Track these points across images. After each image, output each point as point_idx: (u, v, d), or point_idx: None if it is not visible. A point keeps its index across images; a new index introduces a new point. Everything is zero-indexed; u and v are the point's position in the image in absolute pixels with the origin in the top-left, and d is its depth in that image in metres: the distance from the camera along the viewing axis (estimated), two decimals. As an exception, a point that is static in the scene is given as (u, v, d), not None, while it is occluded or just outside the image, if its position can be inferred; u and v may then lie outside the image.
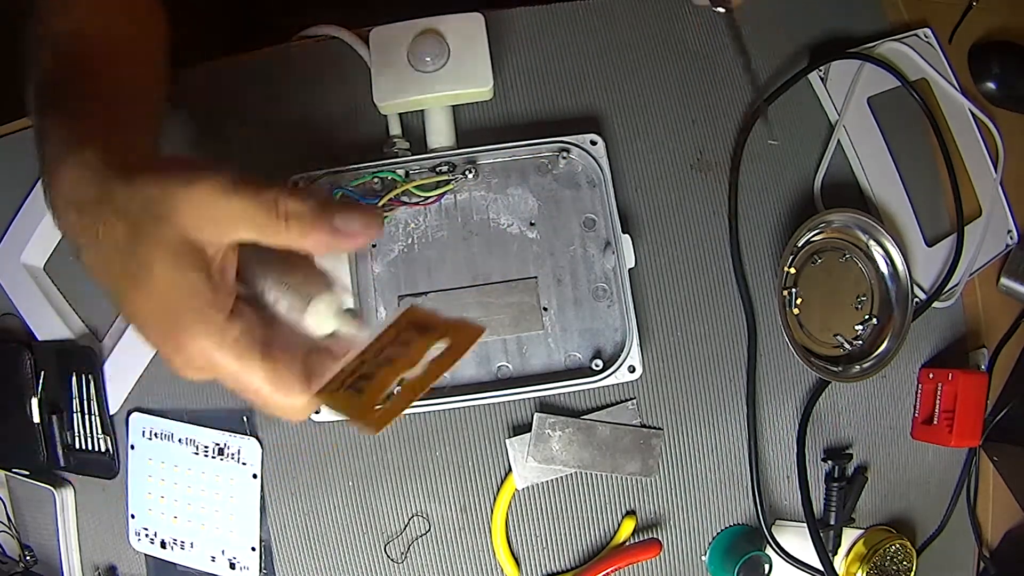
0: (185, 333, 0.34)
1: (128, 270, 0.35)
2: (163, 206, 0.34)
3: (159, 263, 0.34)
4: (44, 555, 0.64)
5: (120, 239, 0.34)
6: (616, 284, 0.60)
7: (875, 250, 0.63)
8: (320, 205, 0.35)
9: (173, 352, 0.35)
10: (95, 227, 0.35)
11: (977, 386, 0.62)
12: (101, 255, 0.35)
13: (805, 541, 0.59)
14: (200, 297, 0.34)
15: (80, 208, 0.36)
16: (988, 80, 0.69)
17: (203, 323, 0.34)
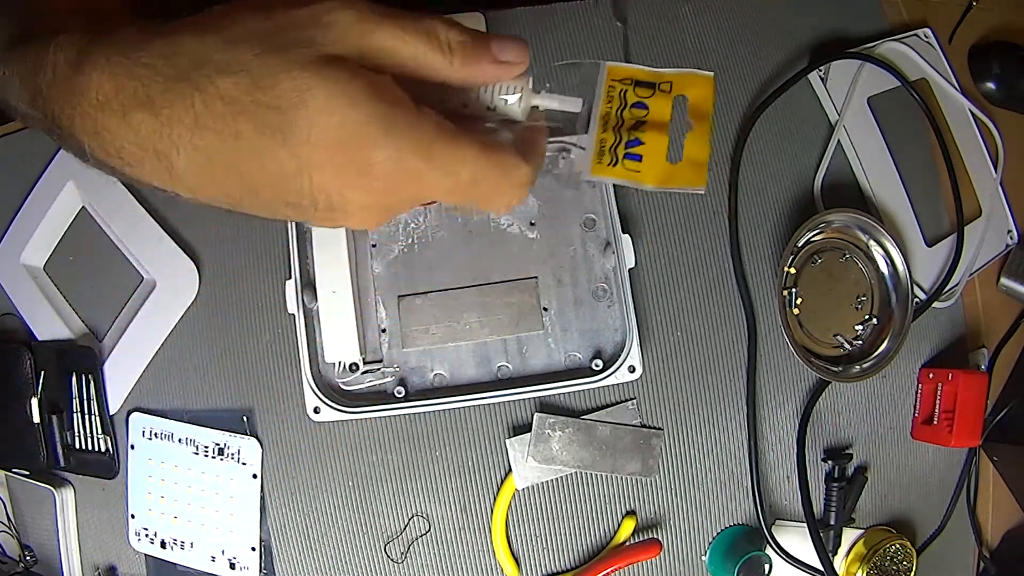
0: (375, 147, 0.29)
1: (263, 123, 0.29)
2: (289, 39, 0.29)
3: (309, 89, 0.28)
4: (44, 555, 0.64)
5: (237, 95, 0.29)
6: (616, 284, 0.60)
7: (875, 250, 0.63)
8: (478, 36, 0.32)
9: (364, 191, 0.30)
10: (189, 107, 0.29)
11: (977, 386, 0.62)
12: (211, 133, 0.29)
13: (805, 541, 0.59)
14: (376, 101, 0.29)
15: (150, 102, 0.29)
16: (988, 80, 0.69)
17: (393, 127, 0.29)
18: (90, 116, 0.30)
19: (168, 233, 0.63)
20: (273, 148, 0.29)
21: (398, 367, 0.60)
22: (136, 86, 0.29)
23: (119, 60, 0.30)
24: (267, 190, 0.31)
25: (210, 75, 0.29)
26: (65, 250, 0.66)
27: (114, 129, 0.30)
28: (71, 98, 0.31)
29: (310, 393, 0.57)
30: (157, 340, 0.62)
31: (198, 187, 0.31)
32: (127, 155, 0.31)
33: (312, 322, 0.59)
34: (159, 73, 0.29)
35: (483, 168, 0.31)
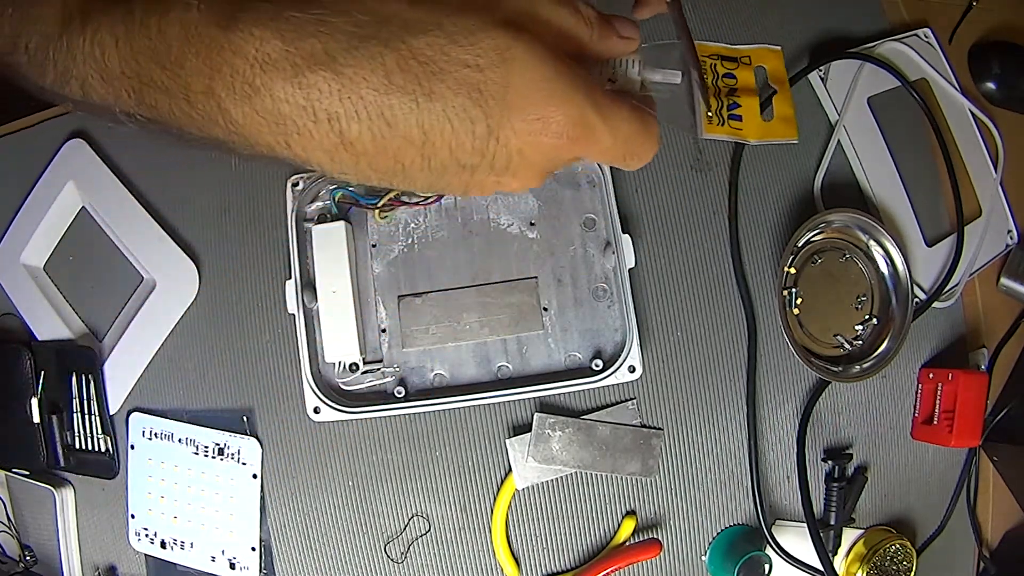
0: (564, 102, 0.30)
1: (461, 80, 0.29)
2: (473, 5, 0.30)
3: (509, 48, 0.29)
4: (44, 555, 0.64)
5: (433, 55, 0.29)
6: (616, 284, 0.60)
7: (875, 250, 0.63)
8: (600, 12, 0.34)
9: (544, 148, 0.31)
10: (377, 68, 0.28)
11: (977, 386, 0.62)
12: (400, 93, 0.28)
13: (805, 541, 0.59)
14: (563, 61, 0.31)
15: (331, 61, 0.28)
16: (988, 80, 0.69)
17: (578, 85, 0.31)
18: (244, 78, 0.28)
19: (168, 233, 0.63)
20: (467, 107, 0.29)
21: (398, 367, 0.60)
22: (313, 43, 0.28)
23: (290, 15, 0.28)
24: (445, 153, 0.30)
25: (400, 33, 0.29)
26: (65, 250, 0.66)
27: (278, 91, 0.28)
28: (216, 57, 0.28)
29: (310, 393, 0.57)
30: (157, 340, 0.62)
31: (369, 156, 0.30)
32: (289, 122, 0.29)
33: (312, 322, 0.59)
34: (340, 30, 0.28)
35: (636, 125, 0.33)
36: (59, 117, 0.66)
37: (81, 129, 0.65)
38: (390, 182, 0.32)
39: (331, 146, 0.30)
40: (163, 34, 0.29)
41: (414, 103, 0.29)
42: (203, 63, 0.29)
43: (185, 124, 0.31)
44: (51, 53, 0.32)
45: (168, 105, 0.31)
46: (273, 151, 0.31)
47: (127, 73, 0.30)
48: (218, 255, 0.63)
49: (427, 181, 0.32)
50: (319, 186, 0.60)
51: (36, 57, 0.32)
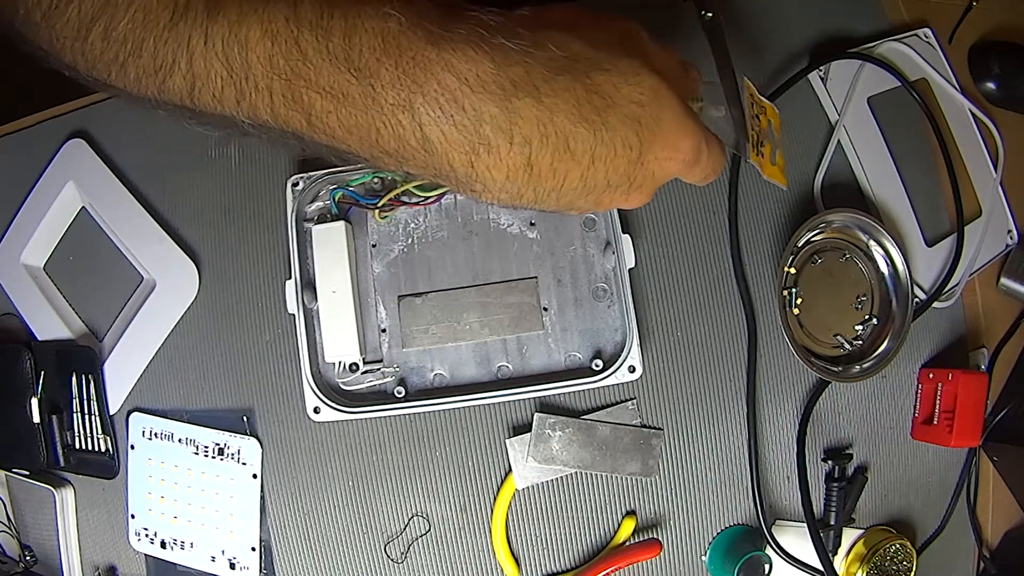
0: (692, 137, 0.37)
1: (627, 114, 0.34)
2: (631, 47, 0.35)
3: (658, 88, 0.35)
4: (44, 555, 0.64)
5: (609, 90, 0.33)
6: (616, 284, 0.60)
7: (875, 250, 0.63)
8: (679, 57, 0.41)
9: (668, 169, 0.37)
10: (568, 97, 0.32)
11: (977, 386, 0.62)
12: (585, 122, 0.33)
13: (805, 541, 0.59)
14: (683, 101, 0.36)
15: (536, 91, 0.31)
16: (988, 80, 0.69)
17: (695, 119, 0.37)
18: (452, 95, 0.30)
19: (168, 233, 0.63)
20: (629, 136, 0.34)
21: (398, 367, 0.60)
22: (519, 71, 0.31)
23: (499, 42, 0.31)
24: (601, 175, 0.35)
25: (587, 70, 0.33)
26: (65, 250, 0.66)
27: (485, 111, 0.31)
28: (421, 72, 0.30)
29: (310, 393, 0.57)
30: (157, 340, 0.62)
31: (542, 177, 0.34)
32: (486, 142, 0.31)
33: (312, 322, 0.59)
34: (540, 61, 0.32)
35: (720, 153, 0.40)
36: (59, 117, 0.66)
37: (81, 129, 0.65)
38: (534, 202, 0.36)
39: (515, 166, 0.33)
40: (351, 39, 0.29)
41: (592, 131, 0.33)
42: (403, 75, 0.30)
43: (349, 134, 0.31)
44: (150, 43, 0.30)
45: (335, 113, 0.31)
46: (451, 171, 0.32)
47: (277, 75, 0.30)
48: (218, 255, 0.63)
49: (569, 200, 0.36)
50: (319, 186, 0.60)
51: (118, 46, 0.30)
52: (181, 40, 0.30)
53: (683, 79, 0.41)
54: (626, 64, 0.34)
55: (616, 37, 0.36)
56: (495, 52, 0.31)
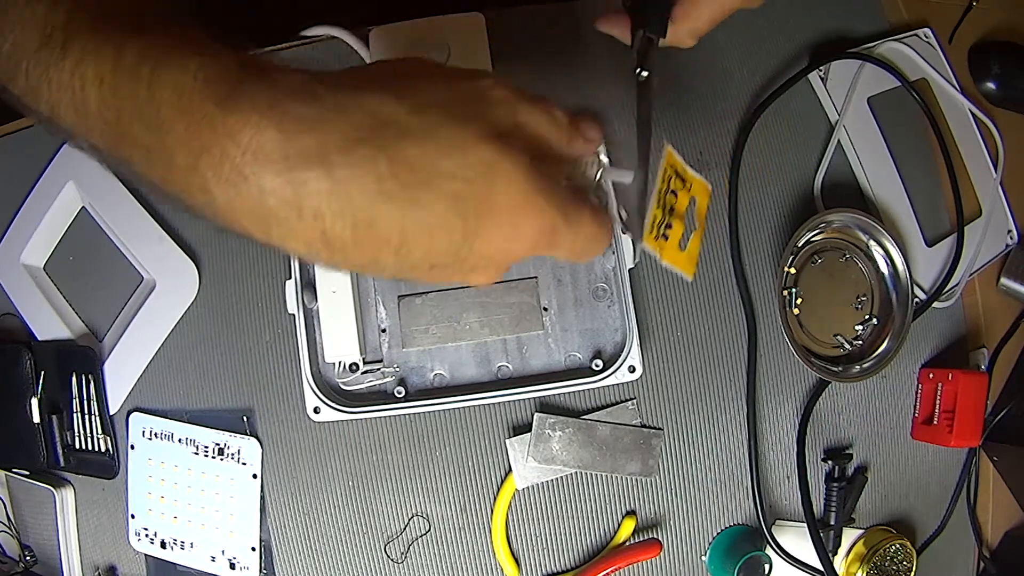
0: (539, 214, 0.32)
1: (447, 192, 0.29)
2: (468, 111, 0.31)
3: (495, 162, 0.30)
4: (44, 555, 0.64)
5: (422, 165, 0.29)
6: (616, 284, 0.60)
7: (875, 250, 0.63)
8: (571, 114, 0.36)
9: (508, 254, 0.32)
10: (369, 171, 0.28)
11: (977, 386, 0.62)
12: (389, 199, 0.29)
13: (805, 541, 0.59)
14: (540, 175, 0.31)
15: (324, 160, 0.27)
16: (988, 80, 0.69)
17: (552, 198, 0.32)
18: (233, 164, 0.27)
19: (168, 233, 0.63)
20: (448, 216, 0.30)
21: (398, 367, 0.60)
22: (309, 140, 0.27)
23: (289, 107, 0.28)
24: (419, 254, 0.31)
25: (397, 139, 0.28)
26: (65, 250, 0.66)
27: (267, 183, 0.27)
28: (208, 135, 0.27)
29: (310, 393, 0.57)
30: (157, 340, 0.62)
31: (346, 251, 0.30)
32: (273, 213, 0.28)
33: (312, 322, 0.59)
34: (337, 129, 0.28)
35: (595, 228, 0.35)
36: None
37: (81, 129, 0.65)
38: (359, 271, 0.33)
39: (311, 240, 0.29)
40: (153, 91, 0.28)
41: (399, 210, 0.29)
42: (192, 136, 0.28)
43: (158, 184, 0.30)
44: (24, 65, 0.29)
45: (145, 163, 0.30)
46: (249, 234, 0.30)
47: (105, 117, 0.29)
48: (218, 255, 0.63)
49: (394, 273, 0.32)
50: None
51: (4, 62, 0.30)
52: (43, 67, 0.29)
53: (561, 143, 0.35)
54: (451, 134, 0.29)
55: (457, 97, 0.31)
56: (284, 119, 0.27)
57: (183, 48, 0.28)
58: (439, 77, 0.32)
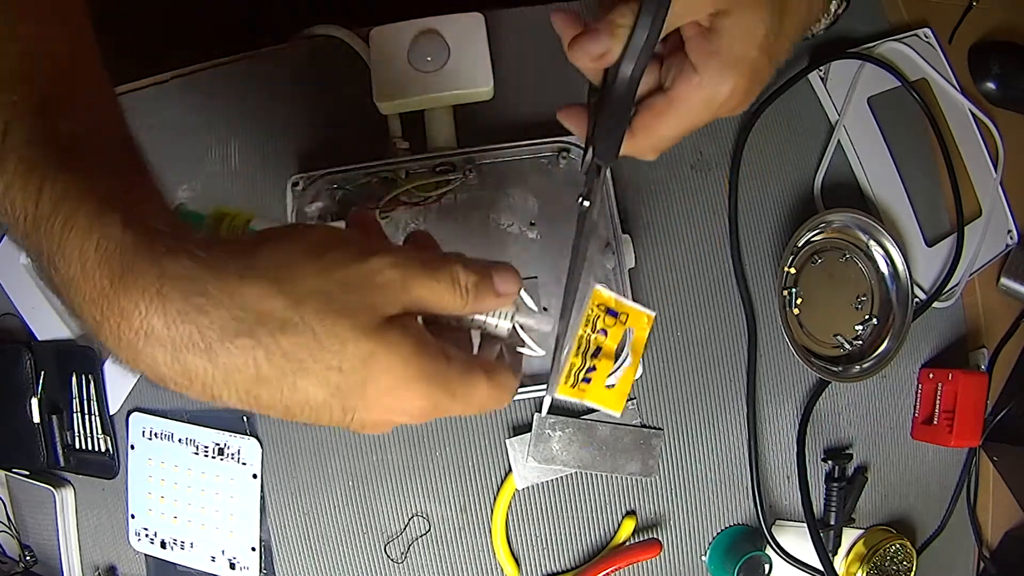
0: (416, 397, 0.33)
1: (323, 380, 0.31)
2: (350, 302, 0.31)
3: (370, 355, 0.31)
4: (44, 555, 0.64)
5: (301, 355, 0.30)
6: (616, 284, 0.60)
7: (875, 250, 0.63)
8: (485, 272, 0.36)
9: (391, 421, 0.34)
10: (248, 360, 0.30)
11: (977, 386, 0.62)
12: (266, 384, 0.31)
13: (805, 541, 0.59)
14: (422, 359, 0.33)
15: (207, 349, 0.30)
16: (988, 80, 0.69)
17: (433, 381, 0.33)
18: (127, 340, 0.30)
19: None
20: (327, 398, 0.31)
21: (398, 367, 0.59)
22: (192, 331, 0.29)
23: (173, 297, 0.29)
24: (305, 420, 0.33)
25: (274, 332, 0.30)
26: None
27: (159, 358, 0.30)
28: (105, 310, 0.30)
29: (310, 393, 0.57)
30: (157, 340, 0.62)
31: (241, 408, 0.32)
32: (166, 379, 0.31)
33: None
34: (219, 322, 0.30)
35: (489, 394, 0.35)
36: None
37: (81, 129, 0.65)
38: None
39: (210, 401, 0.31)
40: (63, 249, 0.30)
41: (279, 392, 0.31)
42: (94, 304, 0.30)
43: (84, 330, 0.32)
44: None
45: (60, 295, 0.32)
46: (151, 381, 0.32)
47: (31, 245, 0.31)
48: (218, 255, 0.63)
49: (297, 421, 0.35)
50: (319, 186, 0.60)
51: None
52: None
53: (466, 307, 0.36)
54: (328, 328, 0.30)
55: (338, 288, 0.31)
56: (168, 308, 0.29)
57: (91, 204, 0.30)
58: (325, 264, 0.32)
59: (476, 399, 0.35)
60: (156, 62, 0.66)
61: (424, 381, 0.33)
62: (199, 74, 0.65)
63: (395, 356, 0.32)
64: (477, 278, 0.36)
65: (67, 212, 0.30)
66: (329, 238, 0.33)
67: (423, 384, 0.33)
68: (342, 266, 0.32)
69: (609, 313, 0.42)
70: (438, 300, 0.34)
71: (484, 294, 0.36)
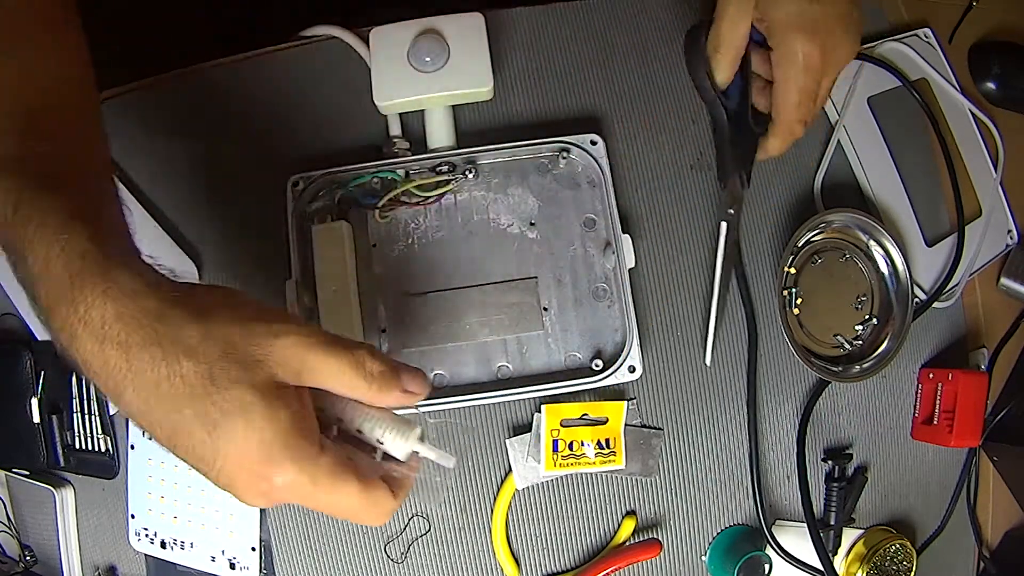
0: (279, 468, 0.35)
1: (204, 412, 0.34)
2: (249, 352, 0.35)
3: (245, 406, 0.34)
4: (44, 555, 0.64)
5: (194, 382, 0.34)
6: (616, 284, 0.60)
7: (875, 250, 0.63)
8: (393, 367, 0.38)
9: (257, 490, 0.36)
10: (153, 369, 0.34)
11: (977, 386, 0.62)
12: (161, 398, 0.34)
13: (805, 541, 0.59)
14: (292, 432, 0.35)
15: (126, 347, 0.34)
16: (988, 80, 0.70)
17: (298, 456, 0.35)
18: (70, 322, 0.34)
19: (168, 233, 0.63)
20: (202, 435, 0.35)
21: (398, 367, 0.59)
22: (120, 330, 0.34)
23: (116, 298, 0.34)
24: (183, 452, 0.36)
25: (179, 354, 0.34)
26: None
27: (88, 346, 0.34)
28: (60, 299, 0.34)
29: (310, 393, 0.57)
30: (157, 340, 0.62)
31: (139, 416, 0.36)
32: (88, 365, 0.35)
33: (312, 322, 0.59)
34: (142, 329, 0.34)
35: (358, 501, 0.37)
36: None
37: (81, 129, 0.65)
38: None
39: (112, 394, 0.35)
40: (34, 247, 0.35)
41: (167, 409, 0.35)
42: (49, 294, 0.35)
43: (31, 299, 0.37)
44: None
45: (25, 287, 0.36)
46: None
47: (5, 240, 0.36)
48: (218, 255, 0.63)
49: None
50: (319, 186, 0.60)
51: None
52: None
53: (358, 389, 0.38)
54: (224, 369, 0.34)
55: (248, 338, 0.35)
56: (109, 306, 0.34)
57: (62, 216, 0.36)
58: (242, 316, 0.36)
59: (344, 502, 0.37)
60: (156, 62, 0.66)
61: (289, 457, 0.35)
62: (199, 74, 0.65)
63: (270, 417, 0.34)
64: (385, 368, 0.38)
65: (39, 220, 0.35)
66: (256, 302, 0.38)
67: (287, 459, 0.35)
68: (254, 322, 0.36)
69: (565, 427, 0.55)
70: (337, 377, 0.37)
71: (390, 384, 0.38)
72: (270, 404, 0.34)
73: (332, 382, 0.37)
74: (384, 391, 0.38)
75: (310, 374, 0.36)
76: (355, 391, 0.37)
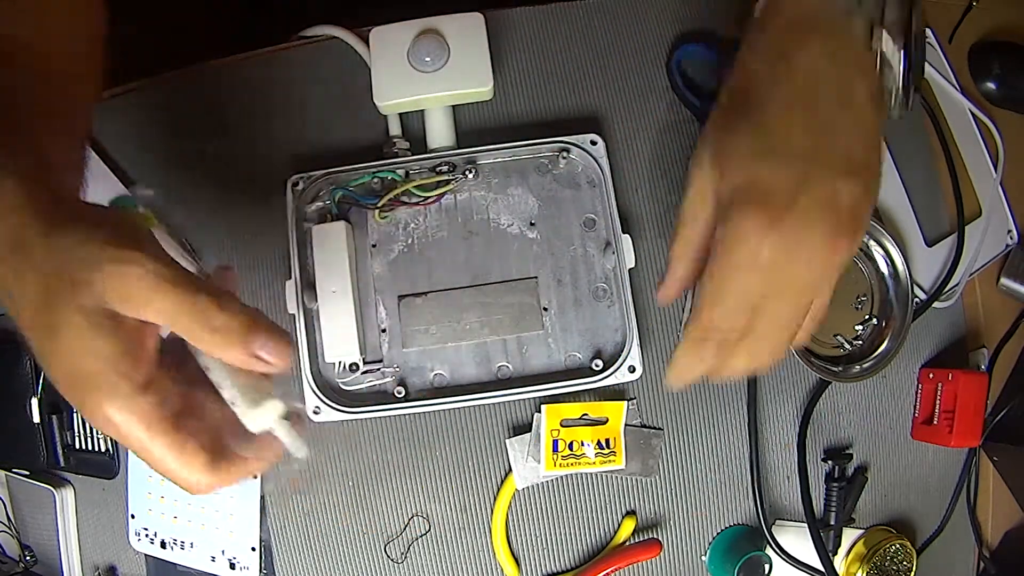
0: (92, 397, 0.34)
1: (42, 324, 0.34)
2: (84, 273, 0.34)
3: (71, 326, 0.33)
4: (44, 555, 0.64)
5: (33, 294, 0.34)
6: (616, 284, 0.60)
7: (875, 250, 0.63)
8: (247, 325, 0.36)
9: (85, 413, 0.35)
10: (8, 277, 0.34)
11: (977, 386, 0.62)
12: (16, 304, 0.35)
13: (805, 541, 0.59)
14: (111, 365, 0.34)
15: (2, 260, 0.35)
16: (988, 80, 0.69)
17: (111, 391, 0.34)
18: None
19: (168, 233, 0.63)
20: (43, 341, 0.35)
21: (398, 367, 0.59)
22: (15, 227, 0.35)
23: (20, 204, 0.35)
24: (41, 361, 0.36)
25: (24, 267, 0.34)
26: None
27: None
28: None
29: (310, 393, 0.57)
30: (157, 340, 0.62)
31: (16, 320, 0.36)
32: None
33: (312, 322, 0.59)
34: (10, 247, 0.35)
35: (169, 459, 0.36)
36: (59, 117, 0.66)
37: (81, 129, 0.65)
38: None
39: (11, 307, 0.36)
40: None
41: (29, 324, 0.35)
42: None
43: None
44: None
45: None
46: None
47: None
48: (218, 255, 0.63)
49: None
50: (319, 186, 0.60)
51: None
52: None
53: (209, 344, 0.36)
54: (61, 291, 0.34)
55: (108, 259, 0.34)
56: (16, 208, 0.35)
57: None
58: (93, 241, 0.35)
59: (156, 454, 0.35)
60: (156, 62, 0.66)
61: (103, 391, 0.34)
62: (199, 74, 0.65)
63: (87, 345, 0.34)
64: (232, 322, 0.35)
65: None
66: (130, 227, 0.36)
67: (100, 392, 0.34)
68: (103, 244, 0.34)
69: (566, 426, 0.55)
70: (174, 318, 0.35)
71: (231, 341, 0.35)
72: (88, 331, 0.33)
73: (166, 320, 0.35)
74: (224, 347, 0.35)
75: (139, 307, 0.34)
76: (192, 338, 0.35)
